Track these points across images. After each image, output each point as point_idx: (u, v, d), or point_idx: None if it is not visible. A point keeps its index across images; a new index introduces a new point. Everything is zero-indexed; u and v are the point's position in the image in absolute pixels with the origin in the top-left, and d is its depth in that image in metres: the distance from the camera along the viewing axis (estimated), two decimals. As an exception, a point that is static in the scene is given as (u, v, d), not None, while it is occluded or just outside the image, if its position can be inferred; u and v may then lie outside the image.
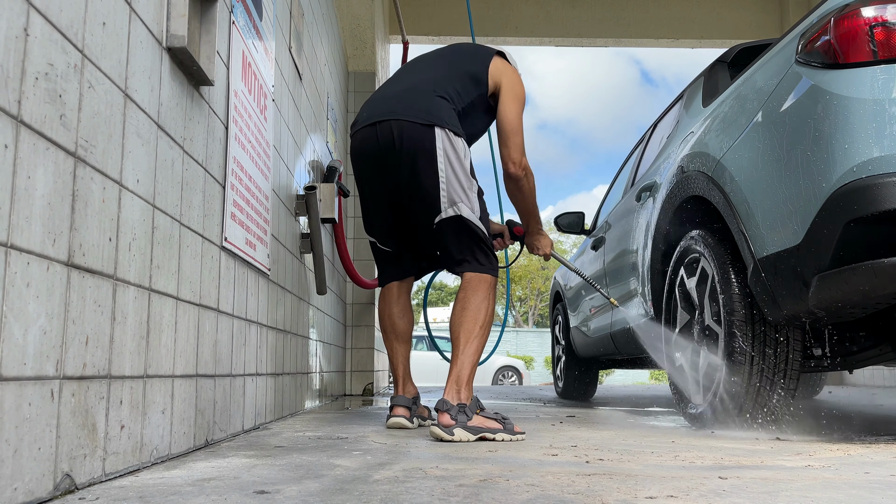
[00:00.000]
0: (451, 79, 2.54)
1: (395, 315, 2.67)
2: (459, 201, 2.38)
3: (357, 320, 5.39)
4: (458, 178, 2.38)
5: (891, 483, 1.38)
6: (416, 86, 2.51)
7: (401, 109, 2.43)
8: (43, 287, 1.10)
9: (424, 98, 2.44)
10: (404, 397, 2.58)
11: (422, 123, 2.38)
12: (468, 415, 2.16)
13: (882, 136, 1.91)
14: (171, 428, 1.65)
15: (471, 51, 2.70)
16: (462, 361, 2.29)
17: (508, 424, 2.20)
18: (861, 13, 2.02)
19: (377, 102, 2.55)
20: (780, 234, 2.15)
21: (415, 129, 2.39)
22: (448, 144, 2.38)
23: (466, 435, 2.12)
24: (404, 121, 2.40)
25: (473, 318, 2.34)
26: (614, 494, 1.23)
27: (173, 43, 1.64)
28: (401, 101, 2.46)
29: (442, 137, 2.37)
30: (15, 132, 1.03)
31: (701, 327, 2.68)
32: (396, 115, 2.42)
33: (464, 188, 2.39)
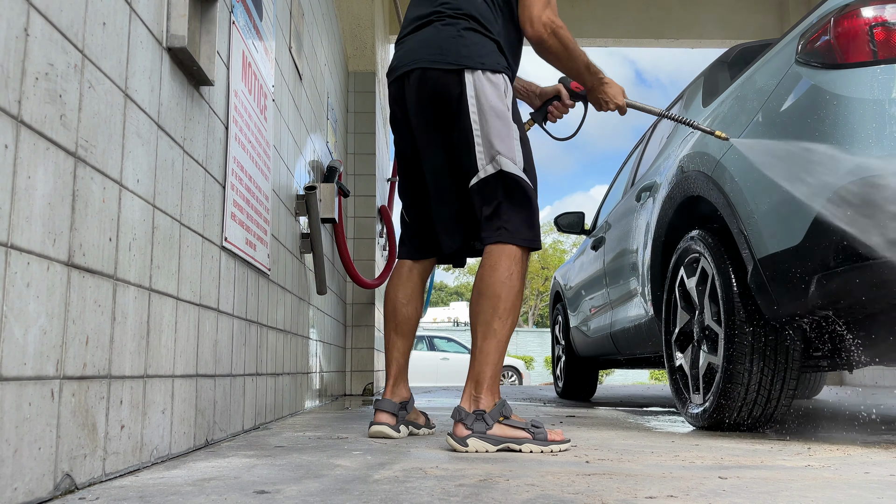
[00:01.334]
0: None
1: (400, 299, 2.23)
2: (499, 154, 1.99)
3: (357, 320, 5.39)
4: (496, 126, 2.00)
5: (891, 483, 1.38)
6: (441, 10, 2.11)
7: (423, 53, 2.08)
8: (43, 287, 1.10)
9: (447, 28, 2.07)
10: (390, 401, 2.17)
11: (445, 69, 2.04)
12: (487, 423, 1.87)
13: (882, 136, 1.91)
14: (172, 428, 1.65)
15: None
16: (480, 361, 1.93)
17: (540, 433, 1.88)
18: (861, 13, 2.02)
19: (405, 46, 2.18)
20: (780, 234, 2.15)
21: (439, 78, 2.04)
22: (481, 87, 2.01)
23: (483, 445, 1.84)
24: (428, 68, 2.06)
25: (491, 305, 1.93)
26: (614, 494, 1.23)
27: (173, 43, 1.65)
28: (422, 41, 2.11)
29: (472, 82, 2.01)
30: (15, 132, 1.03)
31: (701, 327, 2.68)
32: (418, 61, 2.08)
33: (502, 137, 2.00)
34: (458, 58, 2.03)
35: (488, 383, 1.92)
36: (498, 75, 2.05)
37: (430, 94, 2.07)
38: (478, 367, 1.93)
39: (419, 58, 2.09)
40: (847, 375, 7.87)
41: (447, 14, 2.10)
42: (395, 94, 2.18)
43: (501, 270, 1.95)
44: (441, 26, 2.09)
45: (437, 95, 2.06)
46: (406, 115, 2.16)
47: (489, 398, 1.91)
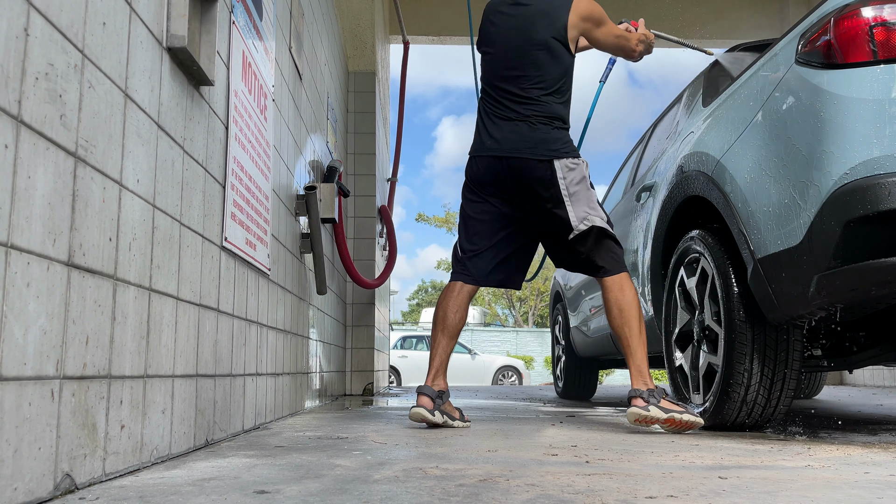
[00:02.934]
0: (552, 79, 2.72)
1: (450, 308, 2.76)
2: (588, 215, 2.64)
3: (357, 320, 5.39)
4: (582, 196, 2.65)
5: (890, 483, 1.38)
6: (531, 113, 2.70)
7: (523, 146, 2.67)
8: (43, 287, 1.10)
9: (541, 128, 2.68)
10: (430, 388, 2.66)
11: (539, 159, 2.64)
12: (657, 398, 2.49)
13: (882, 136, 1.91)
14: (172, 428, 1.65)
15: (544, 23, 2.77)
16: (638, 356, 2.59)
17: (690, 408, 2.54)
18: (861, 13, 2.02)
19: (499, 131, 2.74)
20: (780, 233, 2.15)
21: (535, 165, 2.64)
22: (568, 170, 2.64)
23: (659, 412, 2.44)
24: (527, 158, 2.65)
25: (632, 316, 2.59)
26: (614, 494, 1.23)
27: (173, 43, 1.64)
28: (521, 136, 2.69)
29: (561, 167, 2.63)
30: (15, 132, 1.03)
31: (701, 327, 2.68)
32: (519, 151, 2.67)
33: (589, 202, 2.66)
34: (545, 150, 2.67)
35: (646, 370, 2.59)
36: (577, 159, 2.69)
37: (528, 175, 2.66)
38: (637, 361, 2.59)
39: (516, 147, 2.69)
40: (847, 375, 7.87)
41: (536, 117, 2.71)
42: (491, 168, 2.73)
43: (630, 291, 2.64)
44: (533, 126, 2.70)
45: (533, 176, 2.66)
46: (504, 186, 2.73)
47: (651, 381, 2.58)
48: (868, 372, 7.41)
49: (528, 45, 2.72)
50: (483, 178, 2.77)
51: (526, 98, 2.71)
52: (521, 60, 2.72)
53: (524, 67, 2.71)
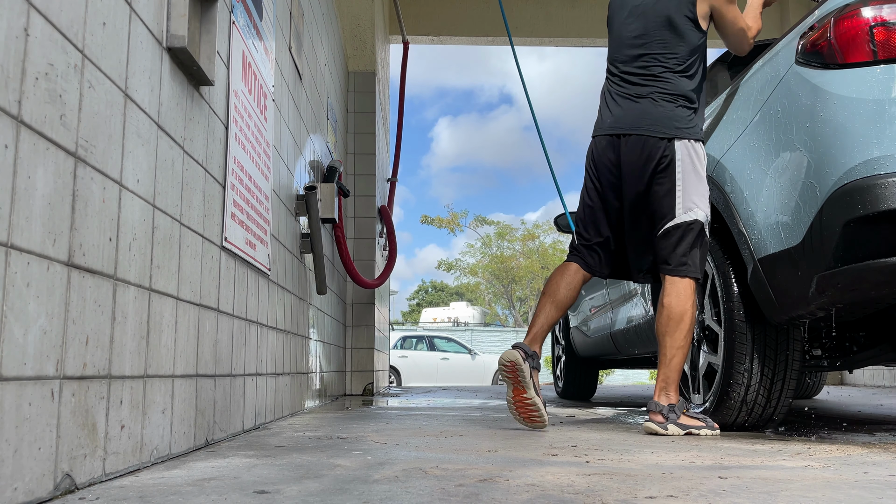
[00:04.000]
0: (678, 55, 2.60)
1: (562, 284, 2.67)
2: (695, 207, 2.50)
3: (357, 320, 5.39)
4: (695, 184, 2.51)
5: (890, 483, 1.38)
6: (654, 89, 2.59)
7: (643, 123, 2.56)
8: (43, 287, 1.10)
9: (664, 105, 2.56)
10: (525, 344, 2.57)
11: (659, 137, 2.53)
12: (677, 413, 2.41)
13: (882, 136, 1.91)
14: (172, 428, 1.65)
15: None
16: (671, 368, 2.46)
17: (710, 423, 2.42)
18: (861, 13, 2.02)
19: (620, 109, 2.64)
20: (780, 234, 2.15)
21: (655, 143, 2.53)
22: (686, 153, 2.51)
23: (677, 430, 2.36)
24: (646, 136, 2.54)
25: (679, 327, 2.44)
26: (614, 494, 1.23)
27: (173, 43, 1.64)
28: (642, 112, 2.58)
29: (681, 148, 2.51)
30: (15, 132, 1.03)
31: (701, 327, 2.68)
32: (638, 128, 2.56)
33: (701, 193, 2.52)
34: (669, 128, 2.54)
35: (674, 384, 2.46)
36: (698, 144, 2.55)
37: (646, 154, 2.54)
38: (668, 372, 2.46)
39: (636, 124, 2.58)
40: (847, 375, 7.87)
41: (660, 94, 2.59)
42: (610, 146, 2.63)
43: (686, 298, 2.46)
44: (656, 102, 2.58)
45: (651, 155, 2.54)
46: (619, 170, 2.62)
47: (675, 395, 2.46)
48: (868, 372, 7.41)
49: (654, 21, 2.63)
50: (601, 160, 2.66)
51: (650, 75, 2.61)
52: (646, 37, 2.64)
53: (650, 45, 2.62)
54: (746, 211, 2.31)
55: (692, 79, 2.61)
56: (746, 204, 2.31)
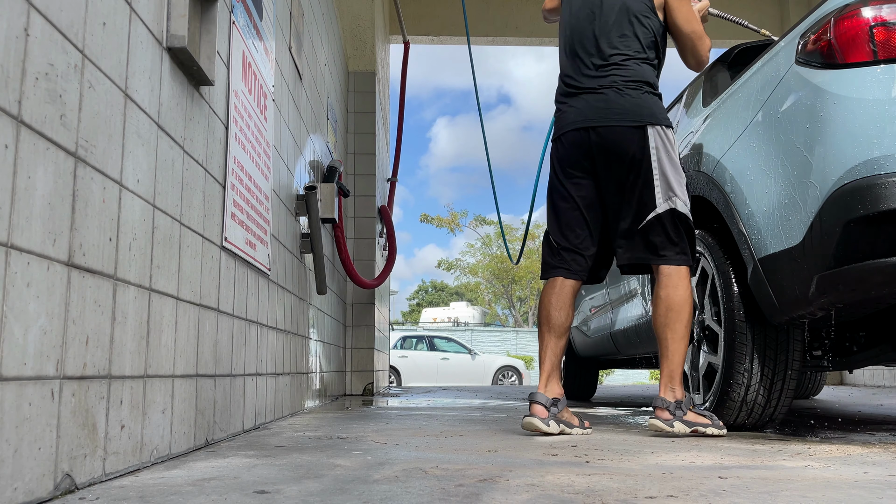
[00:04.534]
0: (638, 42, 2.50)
1: (553, 305, 2.51)
2: (674, 195, 2.40)
3: (357, 320, 5.39)
4: (671, 172, 2.41)
5: (890, 483, 1.38)
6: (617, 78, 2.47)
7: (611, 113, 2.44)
8: (43, 287, 1.10)
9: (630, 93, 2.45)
10: (543, 395, 2.39)
11: (632, 126, 2.41)
12: (683, 410, 2.31)
13: (882, 136, 1.91)
14: (172, 428, 1.65)
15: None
16: (673, 361, 2.36)
17: (716, 422, 2.34)
18: (861, 13, 2.02)
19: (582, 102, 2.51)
20: (781, 234, 2.15)
21: (626, 133, 2.42)
22: (660, 140, 2.41)
23: (683, 428, 2.27)
24: (616, 126, 2.43)
25: (678, 318, 2.34)
26: (614, 494, 1.23)
27: (173, 43, 1.64)
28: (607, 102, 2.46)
29: (654, 135, 2.41)
30: (15, 132, 1.03)
31: (701, 327, 2.68)
32: (607, 119, 2.44)
33: (678, 180, 2.42)
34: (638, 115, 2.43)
35: (678, 378, 2.35)
36: (670, 130, 2.45)
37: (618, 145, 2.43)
38: (671, 367, 2.35)
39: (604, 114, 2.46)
40: (847, 375, 7.87)
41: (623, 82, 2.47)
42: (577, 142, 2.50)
43: (682, 289, 2.37)
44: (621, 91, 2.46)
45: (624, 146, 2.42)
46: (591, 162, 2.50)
47: (680, 390, 2.35)
48: (868, 372, 7.41)
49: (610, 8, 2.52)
50: (568, 157, 2.52)
51: (610, 64, 2.48)
52: (603, 26, 2.51)
53: (608, 34, 2.50)
54: (746, 211, 2.31)
55: (653, 63, 2.52)
56: (746, 204, 2.31)
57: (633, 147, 2.41)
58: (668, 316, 2.36)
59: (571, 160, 2.52)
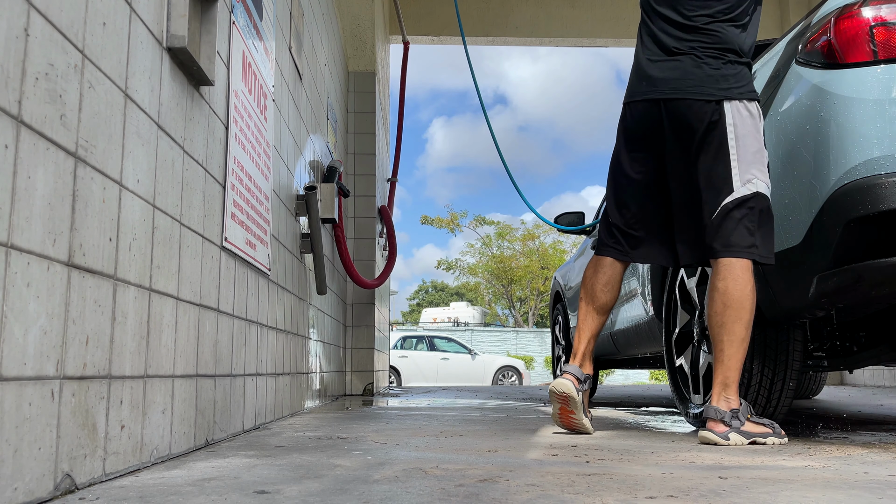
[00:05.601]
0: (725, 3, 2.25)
1: (598, 284, 2.37)
2: (754, 178, 2.15)
3: (357, 320, 5.39)
4: (752, 151, 2.16)
5: (891, 483, 1.38)
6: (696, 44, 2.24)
7: (685, 84, 2.22)
8: (43, 287, 1.10)
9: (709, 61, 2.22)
10: (577, 367, 2.32)
11: (706, 100, 2.19)
12: (741, 419, 2.10)
13: (882, 136, 1.91)
14: (172, 428, 1.65)
15: None
16: (729, 366, 2.13)
17: (777, 430, 2.16)
18: (861, 13, 2.02)
19: (656, 69, 2.30)
20: (781, 234, 2.15)
21: (699, 107, 2.19)
22: (739, 116, 2.17)
23: (740, 439, 2.07)
24: (690, 99, 2.20)
25: (738, 317, 2.10)
26: (614, 494, 1.23)
27: (173, 43, 1.65)
28: (683, 72, 2.24)
29: (732, 111, 2.17)
30: (15, 132, 1.03)
31: (701, 327, 2.68)
32: (679, 91, 2.22)
33: (760, 160, 2.17)
34: (715, 88, 2.19)
35: (734, 385, 2.13)
36: (753, 103, 2.19)
37: (690, 120, 2.21)
38: (726, 372, 2.13)
39: (677, 86, 2.23)
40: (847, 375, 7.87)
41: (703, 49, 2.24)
42: (645, 114, 2.29)
43: (745, 283, 2.12)
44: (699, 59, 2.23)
45: (696, 122, 2.20)
46: (660, 139, 2.29)
47: (736, 399, 2.13)
48: (868, 372, 7.41)
49: None
50: (636, 130, 2.32)
51: (690, 26, 2.25)
52: None
53: None
54: (746, 211, 2.31)
55: (741, 25, 2.25)
56: (746, 204, 2.31)
57: (708, 122, 2.18)
58: (726, 315, 2.11)
59: (637, 134, 2.33)
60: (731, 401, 2.12)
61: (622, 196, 2.37)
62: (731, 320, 2.11)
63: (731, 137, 2.16)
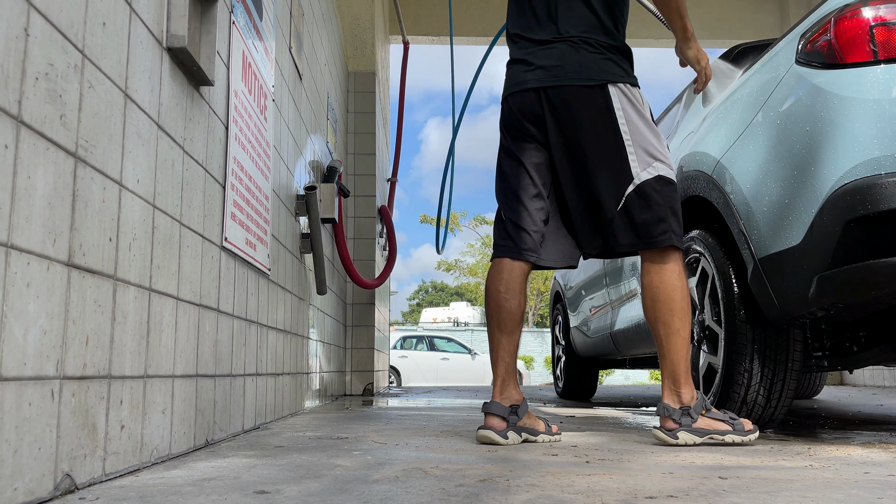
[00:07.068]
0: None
1: (501, 293, 2.13)
2: (654, 160, 2.05)
3: (357, 320, 5.39)
4: (646, 134, 2.06)
5: (890, 483, 1.38)
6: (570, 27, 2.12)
7: (565, 70, 2.09)
8: (43, 287, 1.10)
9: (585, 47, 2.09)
10: (498, 404, 2.05)
11: (587, 85, 2.07)
12: (692, 416, 1.99)
13: (882, 136, 1.91)
14: (172, 428, 1.65)
15: None
16: (672, 360, 2.03)
17: (738, 425, 2.02)
18: (861, 13, 2.02)
19: (534, 57, 2.15)
20: (781, 234, 2.15)
21: (583, 94, 2.07)
22: (626, 99, 2.07)
23: (692, 438, 1.97)
24: (570, 85, 2.07)
25: (668, 309, 2.02)
26: (614, 494, 1.23)
27: (173, 43, 1.65)
28: (561, 57, 2.10)
29: (618, 95, 2.06)
30: (15, 132, 1.03)
31: (701, 327, 2.68)
32: (560, 78, 2.08)
33: (656, 141, 2.07)
34: (598, 73, 2.08)
35: (685, 378, 2.03)
36: (636, 88, 2.12)
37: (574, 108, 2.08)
38: (671, 367, 2.04)
39: (556, 74, 2.10)
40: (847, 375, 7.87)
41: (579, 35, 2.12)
42: (524, 106, 2.15)
43: (670, 272, 2.05)
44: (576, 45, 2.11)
45: (581, 109, 2.08)
46: (542, 128, 2.15)
47: (688, 392, 2.03)
48: (868, 372, 7.41)
49: None
50: (516, 121, 2.17)
51: (566, 15, 2.12)
52: None
53: None
54: (746, 211, 2.31)
55: (613, 14, 2.15)
56: (747, 204, 2.31)
57: (592, 109, 2.06)
58: (657, 309, 2.04)
59: (519, 127, 2.17)
60: (683, 395, 2.02)
61: (514, 189, 2.18)
62: (663, 314, 2.03)
63: (622, 123, 2.05)
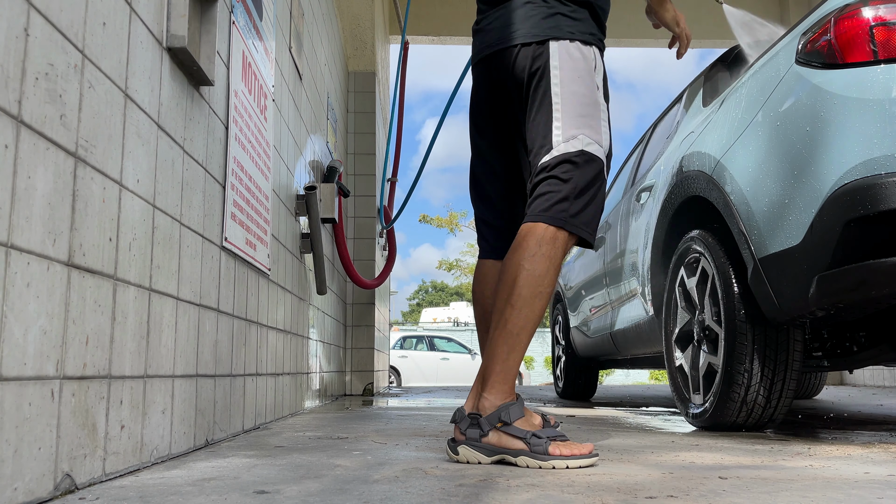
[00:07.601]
0: None
1: (487, 297, 1.91)
2: (580, 133, 1.72)
3: (357, 320, 5.39)
4: (581, 100, 1.75)
5: (890, 483, 1.38)
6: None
7: (506, 31, 1.83)
8: (43, 287, 1.10)
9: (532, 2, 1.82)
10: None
11: (525, 43, 1.79)
12: (482, 429, 1.62)
13: (882, 136, 1.91)
14: (172, 428, 1.65)
15: None
16: (487, 354, 1.68)
17: (539, 445, 1.58)
18: (861, 13, 2.02)
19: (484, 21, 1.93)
20: (781, 233, 2.15)
21: (521, 53, 1.79)
22: (568, 58, 1.76)
23: (475, 456, 1.62)
24: (509, 47, 1.81)
25: (506, 291, 1.66)
26: (614, 494, 1.23)
27: (173, 43, 1.65)
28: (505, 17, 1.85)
29: (560, 52, 1.75)
30: (15, 132, 1.03)
31: (701, 327, 2.68)
32: (502, 41, 1.83)
33: (589, 115, 1.75)
34: (541, 29, 1.78)
35: (493, 380, 1.64)
36: (589, 47, 1.80)
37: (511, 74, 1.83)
38: (484, 362, 1.68)
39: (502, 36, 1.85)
40: (847, 375, 7.87)
41: None
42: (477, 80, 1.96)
43: (524, 251, 1.67)
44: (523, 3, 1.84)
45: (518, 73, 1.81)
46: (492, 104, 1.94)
47: (494, 398, 1.64)
48: (868, 372, 7.41)
49: None
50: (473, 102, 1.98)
51: None
52: None
53: None
54: (746, 211, 2.31)
55: None
56: (747, 204, 2.31)
57: (530, 67, 1.78)
58: (498, 295, 1.68)
59: (474, 104, 1.97)
60: (485, 401, 1.64)
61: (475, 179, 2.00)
62: (501, 300, 1.67)
63: (554, 83, 1.73)
